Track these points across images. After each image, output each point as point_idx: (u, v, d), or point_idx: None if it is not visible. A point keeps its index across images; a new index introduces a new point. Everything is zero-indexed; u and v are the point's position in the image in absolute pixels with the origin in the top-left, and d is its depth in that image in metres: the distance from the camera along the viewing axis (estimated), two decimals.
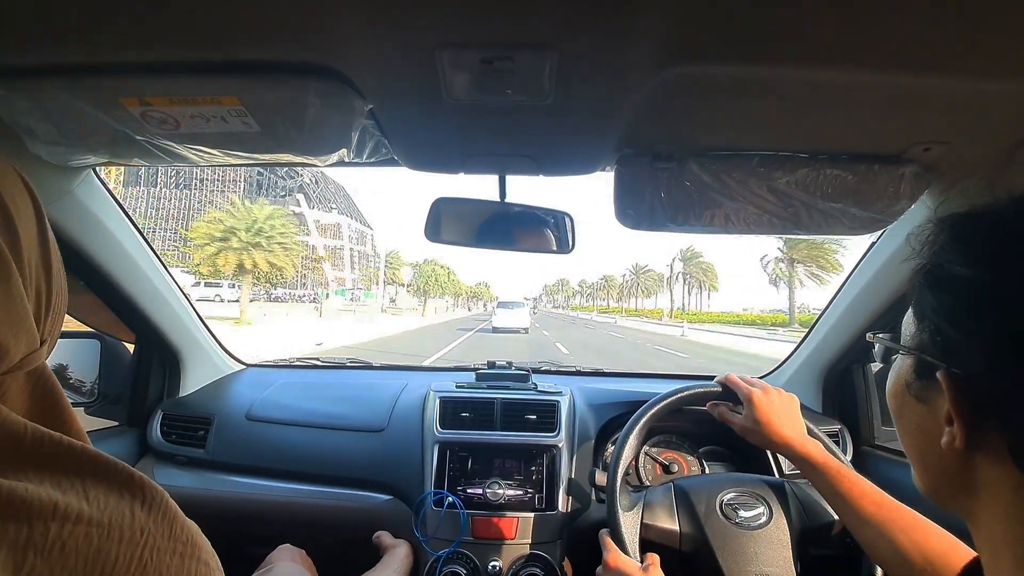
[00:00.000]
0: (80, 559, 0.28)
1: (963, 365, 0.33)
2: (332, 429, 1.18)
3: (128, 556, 0.30)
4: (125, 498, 0.32)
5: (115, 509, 0.31)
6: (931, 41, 0.52)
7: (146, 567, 0.31)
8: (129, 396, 1.23)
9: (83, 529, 0.29)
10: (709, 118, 0.72)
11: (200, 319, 1.30)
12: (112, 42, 0.57)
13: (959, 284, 0.33)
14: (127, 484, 0.33)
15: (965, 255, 0.34)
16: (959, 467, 0.34)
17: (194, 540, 0.35)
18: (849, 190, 0.81)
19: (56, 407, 0.36)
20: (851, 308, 1.14)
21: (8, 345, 0.32)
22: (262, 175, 59.21)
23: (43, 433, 0.32)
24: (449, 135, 0.76)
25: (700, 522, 0.87)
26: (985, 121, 0.68)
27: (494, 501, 1.02)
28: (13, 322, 0.33)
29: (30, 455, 0.31)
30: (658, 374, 1.56)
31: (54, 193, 0.87)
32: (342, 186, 71.49)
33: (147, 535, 0.32)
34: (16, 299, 0.33)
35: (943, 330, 0.34)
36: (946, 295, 0.34)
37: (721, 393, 0.96)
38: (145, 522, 0.32)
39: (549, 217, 0.96)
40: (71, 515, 0.29)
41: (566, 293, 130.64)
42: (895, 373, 0.41)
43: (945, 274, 0.35)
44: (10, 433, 0.31)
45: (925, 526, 0.66)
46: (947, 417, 0.34)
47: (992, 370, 0.31)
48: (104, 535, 0.30)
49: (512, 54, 0.55)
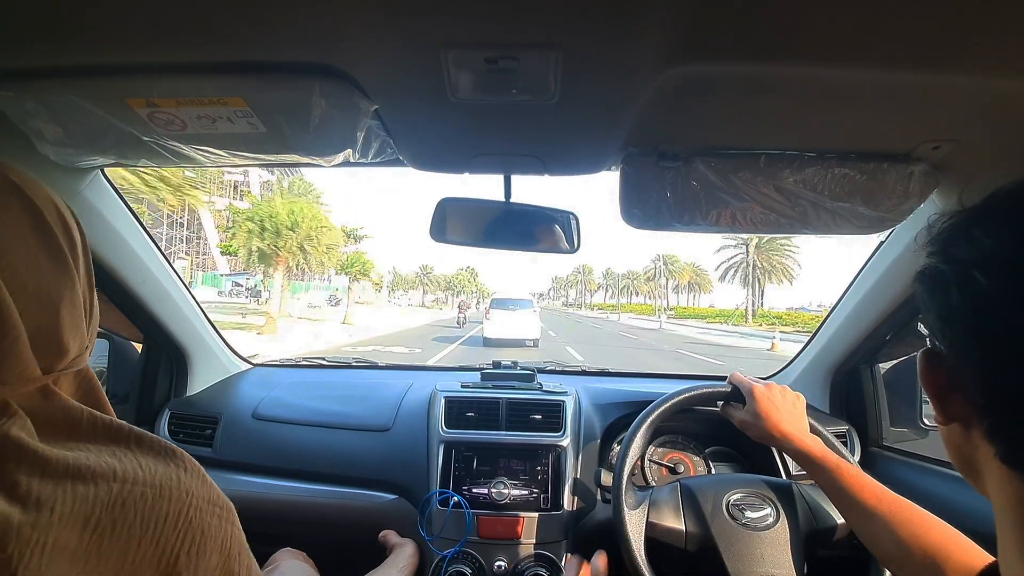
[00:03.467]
0: (137, 514, 0.33)
1: (956, 358, 0.34)
2: (338, 428, 1.19)
3: (176, 513, 0.35)
4: (171, 466, 0.37)
5: (164, 474, 0.36)
6: (939, 38, 0.52)
7: (191, 523, 0.35)
8: (137, 395, 1.24)
9: (140, 489, 0.34)
10: (715, 117, 0.72)
11: (207, 319, 1.31)
12: (119, 44, 0.57)
13: (945, 282, 0.34)
14: (171, 455, 0.38)
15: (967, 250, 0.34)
16: (960, 445, 0.36)
17: (229, 507, 0.40)
18: (857, 189, 0.80)
19: (99, 401, 0.41)
20: (859, 308, 1.13)
21: (69, 345, 0.38)
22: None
23: (96, 415, 0.37)
24: (454, 135, 0.76)
25: (706, 522, 0.86)
26: (995, 118, 0.67)
27: (499, 501, 1.02)
28: (75, 324, 0.38)
29: (88, 432, 0.36)
30: (664, 374, 1.55)
31: (62, 194, 0.87)
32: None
33: (192, 496, 0.36)
34: (78, 304, 0.39)
35: (936, 328, 0.36)
36: (938, 292, 0.35)
37: (727, 393, 0.95)
38: (190, 485, 0.37)
39: (555, 216, 0.96)
40: (128, 478, 0.34)
41: (589, 287, 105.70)
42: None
43: (938, 271, 0.35)
44: (71, 415, 0.36)
45: (926, 519, 0.65)
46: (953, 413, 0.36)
47: (957, 350, 0.34)
48: (157, 494, 0.35)
49: (517, 54, 0.54)
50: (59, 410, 0.36)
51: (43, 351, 0.35)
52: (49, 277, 0.36)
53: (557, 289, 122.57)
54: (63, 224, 0.39)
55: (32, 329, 0.34)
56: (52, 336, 0.36)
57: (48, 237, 0.37)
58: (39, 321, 0.35)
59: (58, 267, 0.37)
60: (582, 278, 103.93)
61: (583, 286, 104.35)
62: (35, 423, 0.34)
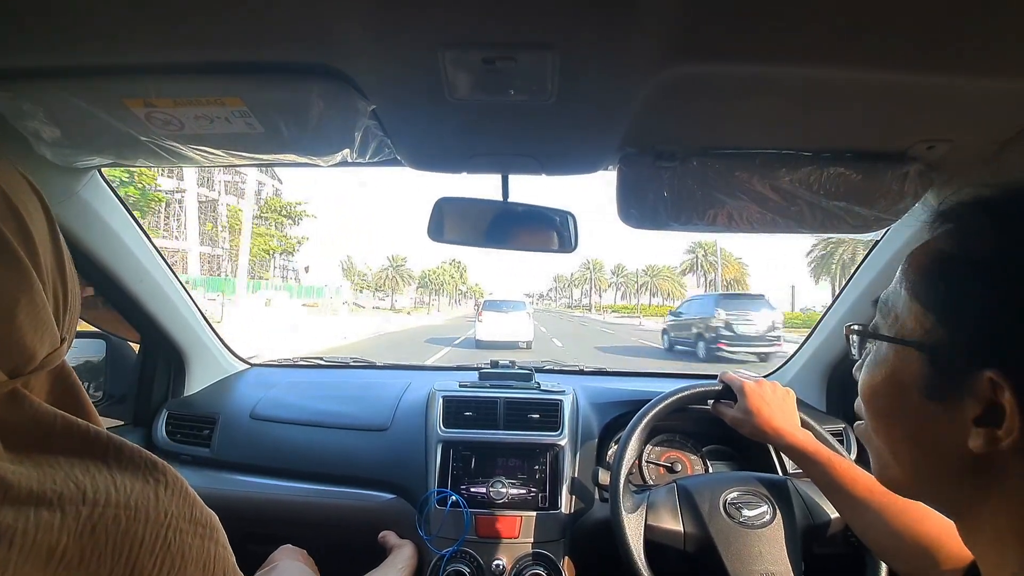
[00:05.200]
0: (109, 540, 0.30)
1: (1013, 361, 0.31)
2: (336, 428, 1.19)
3: (153, 536, 0.32)
4: (150, 483, 0.34)
5: (140, 493, 0.33)
6: (933, 38, 0.52)
7: (170, 546, 0.33)
8: (134, 395, 1.24)
9: (112, 512, 0.31)
10: (712, 117, 0.72)
11: (205, 319, 1.31)
12: (116, 44, 0.57)
13: (1000, 273, 0.31)
14: (151, 470, 0.35)
15: (997, 240, 0.32)
16: (976, 467, 0.33)
17: (213, 523, 0.37)
18: (853, 189, 0.80)
19: (78, 400, 0.39)
20: (855, 307, 1.14)
21: (35, 348, 0.34)
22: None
23: (72, 422, 0.34)
24: (452, 135, 0.77)
25: (704, 522, 0.86)
26: (988, 118, 0.67)
27: (497, 500, 1.02)
28: (37, 326, 0.34)
29: (61, 442, 0.33)
30: (661, 373, 1.56)
31: (59, 194, 0.87)
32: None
33: (170, 517, 0.33)
34: (39, 304, 0.35)
35: (988, 326, 0.32)
36: (1000, 288, 0.32)
37: (722, 391, 0.96)
38: (168, 505, 0.34)
39: (552, 216, 0.96)
40: (100, 500, 0.31)
41: (599, 285, 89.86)
42: (884, 368, 0.38)
43: (984, 262, 0.32)
44: (42, 423, 0.33)
45: (918, 509, 0.66)
46: (974, 417, 0.32)
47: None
48: (132, 516, 0.32)
49: (514, 54, 0.55)
50: (29, 417, 0.33)
51: (3, 359, 0.32)
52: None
53: (560, 289, 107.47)
54: (15, 217, 0.34)
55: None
56: (9, 342, 0.33)
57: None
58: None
59: (7, 269, 0.33)
60: (591, 275, 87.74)
61: (592, 284, 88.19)
62: (4, 432, 0.31)
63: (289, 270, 49.96)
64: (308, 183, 75.92)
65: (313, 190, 79.67)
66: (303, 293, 39.08)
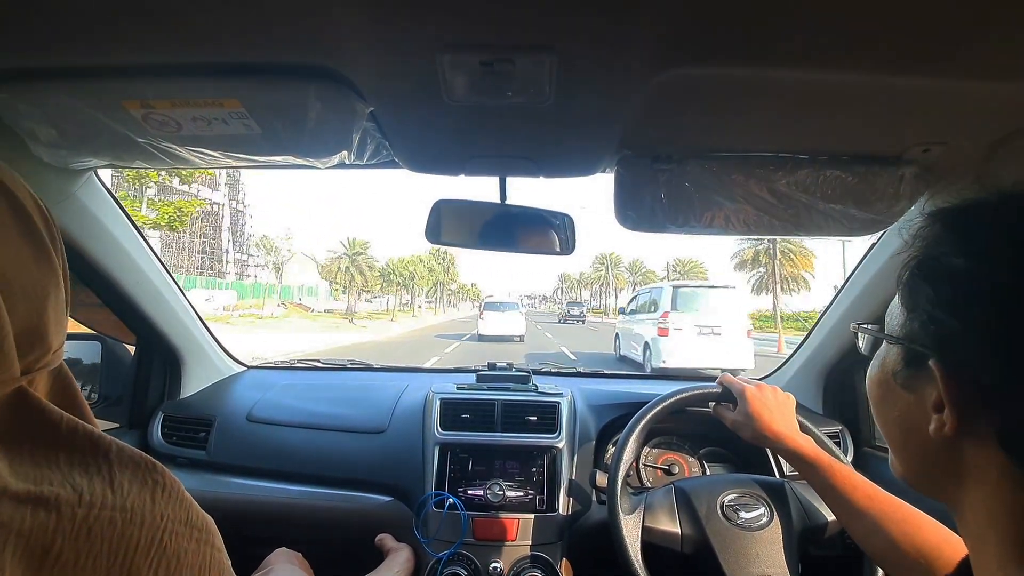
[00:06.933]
0: (104, 542, 0.30)
1: (955, 353, 0.34)
2: (333, 431, 1.18)
3: (149, 539, 0.32)
4: (147, 485, 0.34)
5: (137, 495, 0.33)
6: (928, 42, 0.52)
7: (165, 550, 0.33)
8: (130, 397, 1.23)
9: (108, 514, 0.31)
10: (709, 120, 0.73)
11: (201, 321, 1.30)
12: (114, 45, 0.57)
13: (955, 275, 0.34)
14: (149, 472, 0.35)
15: (957, 246, 0.35)
16: (944, 454, 0.35)
17: (208, 527, 0.37)
18: (849, 191, 0.81)
19: (74, 402, 0.39)
20: (851, 309, 1.14)
21: (54, 344, 0.36)
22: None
23: (75, 423, 0.35)
24: (450, 137, 0.77)
25: (701, 524, 0.86)
26: (983, 121, 0.68)
27: (495, 502, 1.02)
28: (59, 320, 0.36)
29: (65, 442, 0.33)
30: (659, 375, 1.56)
31: (55, 195, 0.87)
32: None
33: (166, 520, 0.34)
34: (62, 300, 0.36)
35: (936, 319, 0.35)
36: (942, 286, 0.35)
37: (720, 394, 0.96)
38: (164, 508, 0.34)
39: (550, 218, 0.96)
40: (96, 501, 0.31)
41: (617, 284, 71.41)
42: (879, 362, 0.42)
43: (941, 265, 0.35)
44: (49, 421, 0.34)
45: (917, 518, 0.66)
46: (935, 404, 0.35)
47: (983, 358, 0.32)
48: (127, 519, 0.32)
49: (512, 56, 0.55)
50: (35, 416, 0.33)
51: (27, 350, 0.33)
52: (35, 274, 0.35)
53: (566, 290, 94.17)
54: (44, 219, 0.36)
55: (20, 328, 0.32)
56: (37, 334, 0.34)
57: (32, 232, 0.35)
58: (27, 320, 0.33)
59: (43, 263, 0.35)
60: (607, 271, 72.10)
61: (607, 284, 72.56)
62: (8, 428, 0.32)
63: (250, 266, 46.19)
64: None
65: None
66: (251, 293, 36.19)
